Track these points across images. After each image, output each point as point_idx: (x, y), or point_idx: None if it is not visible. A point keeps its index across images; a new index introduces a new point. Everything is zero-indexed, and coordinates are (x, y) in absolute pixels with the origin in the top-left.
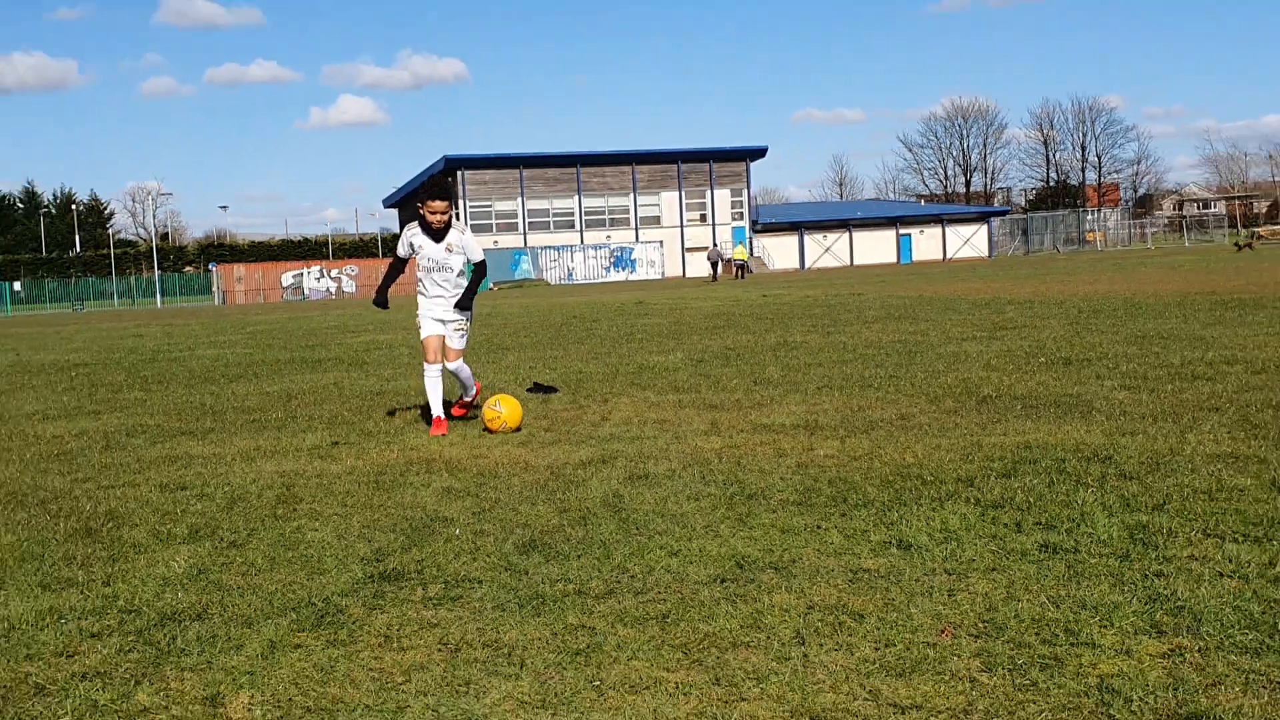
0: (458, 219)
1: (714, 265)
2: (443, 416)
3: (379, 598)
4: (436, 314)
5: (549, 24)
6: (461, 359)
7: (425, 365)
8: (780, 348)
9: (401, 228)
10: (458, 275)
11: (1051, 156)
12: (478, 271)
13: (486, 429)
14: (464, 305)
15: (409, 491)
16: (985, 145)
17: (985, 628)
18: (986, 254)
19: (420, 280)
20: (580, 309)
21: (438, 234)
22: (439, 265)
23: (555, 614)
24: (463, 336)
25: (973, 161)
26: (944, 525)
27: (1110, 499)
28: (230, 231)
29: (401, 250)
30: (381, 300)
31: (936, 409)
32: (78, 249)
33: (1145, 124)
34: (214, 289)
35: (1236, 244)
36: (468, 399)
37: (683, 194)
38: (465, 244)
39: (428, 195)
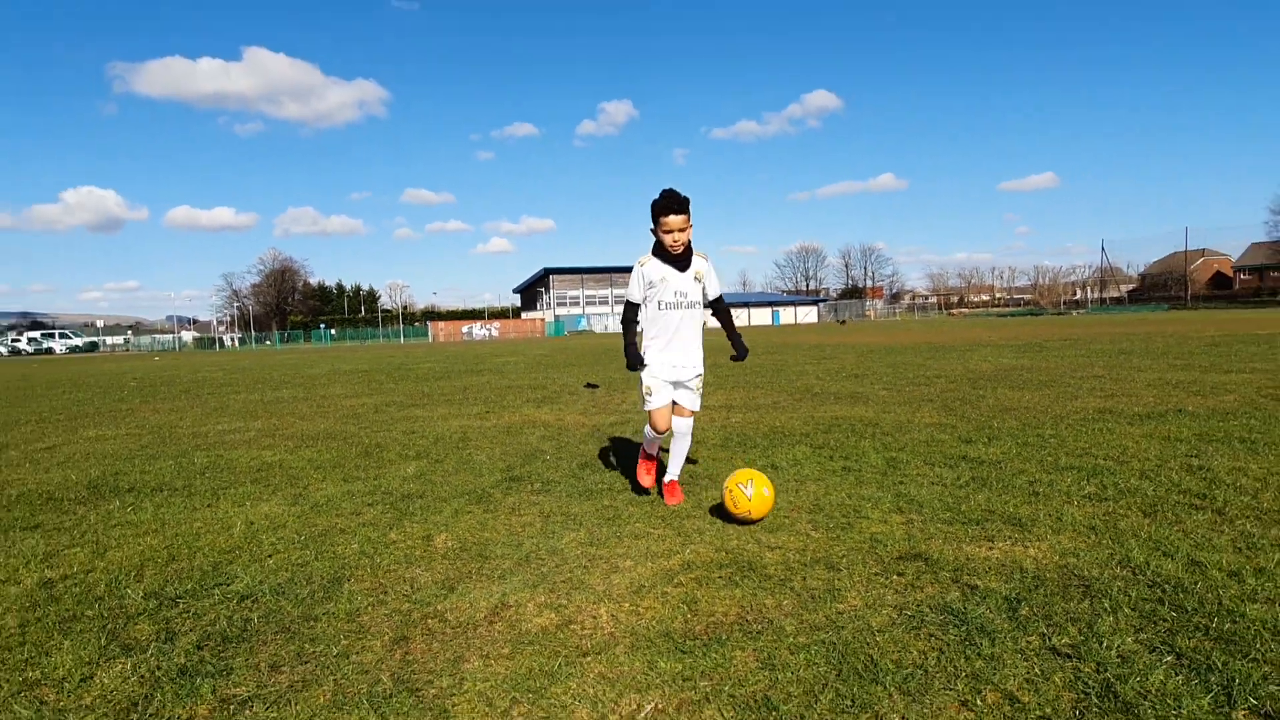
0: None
1: None
2: (654, 460)
3: (509, 489)
4: (674, 375)
5: (603, 196)
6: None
7: (652, 432)
8: (711, 367)
9: (524, 306)
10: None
11: (849, 273)
12: (728, 310)
13: (728, 511)
14: (740, 355)
15: (523, 436)
16: (816, 267)
17: (814, 509)
18: (816, 321)
19: (655, 325)
20: (611, 345)
21: (680, 261)
22: (686, 301)
23: (597, 499)
24: (700, 393)
25: (810, 274)
26: (795, 457)
27: (877, 445)
28: (437, 305)
29: (634, 295)
30: (636, 361)
31: (791, 399)
32: (362, 313)
33: (898, 256)
34: (429, 334)
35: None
36: (674, 474)
37: None
38: (709, 272)
39: (663, 210)
